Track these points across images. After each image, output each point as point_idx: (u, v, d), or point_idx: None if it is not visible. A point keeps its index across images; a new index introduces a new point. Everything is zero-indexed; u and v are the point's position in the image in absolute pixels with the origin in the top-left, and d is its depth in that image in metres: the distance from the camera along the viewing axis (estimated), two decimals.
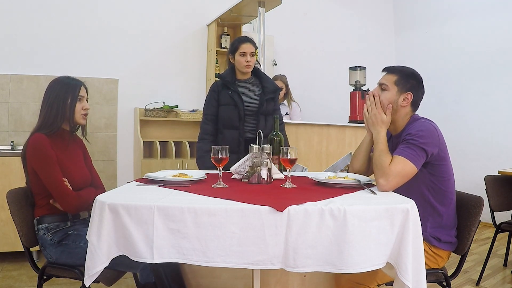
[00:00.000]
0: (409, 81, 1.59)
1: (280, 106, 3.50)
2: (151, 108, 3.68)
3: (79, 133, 1.79)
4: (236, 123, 2.29)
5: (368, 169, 1.75)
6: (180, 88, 3.97)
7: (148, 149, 3.68)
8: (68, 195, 1.56)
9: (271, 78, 2.79)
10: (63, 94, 1.64)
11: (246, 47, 2.26)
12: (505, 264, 2.86)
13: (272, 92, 2.35)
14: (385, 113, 1.58)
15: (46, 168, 1.53)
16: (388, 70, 1.65)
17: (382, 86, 1.61)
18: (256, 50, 2.31)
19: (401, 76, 1.59)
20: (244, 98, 2.30)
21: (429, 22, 4.98)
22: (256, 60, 2.42)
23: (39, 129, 1.60)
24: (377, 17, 5.37)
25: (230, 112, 2.29)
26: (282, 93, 3.72)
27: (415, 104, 1.62)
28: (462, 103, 4.54)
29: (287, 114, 3.77)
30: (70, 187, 1.58)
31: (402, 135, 1.56)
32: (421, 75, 1.63)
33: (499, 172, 2.65)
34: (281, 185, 1.51)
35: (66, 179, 1.58)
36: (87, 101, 1.73)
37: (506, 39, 4.14)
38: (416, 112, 1.65)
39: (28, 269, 2.52)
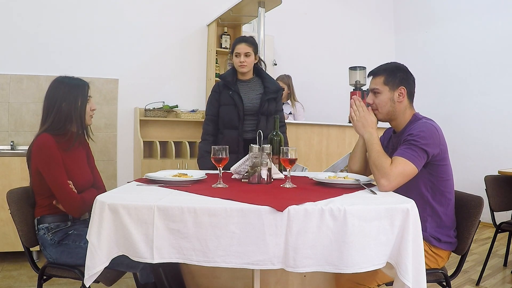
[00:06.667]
0: (396, 75, 1.60)
1: (284, 106, 3.52)
2: (151, 108, 3.68)
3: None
4: (236, 123, 2.30)
5: (366, 170, 1.76)
6: (180, 88, 3.96)
7: (148, 149, 3.68)
8: (72, 198, 1.55)
9: (275, 78, 2.78)
10: (73, 97, 1.59)
11: (239, 48, 2.28)
12: (505, 264, 2.86)
13: (273, 92, 2.35)
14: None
15: (52, 169, 1.51)
16: (373, 74, 1.66)
17: (374, 91, 1.62)
18: (252, 49, 2.30)
19: (387, 74, 1.60)
20: (244, 98, 2.31)
21: (429, 22, 4.98)
22: (261, 60, 2.43)
23: (46, 130, 1.57)
24: (377, 17, 5.37)
25: (230, 112, 2.30)
26: (284, 93, 3.76)
27: (410, 95, 1.62)
28: (462, 103, 4.54)
29: (291, 113, 3.78)
30: (75, 190, 1.58)
31: (403, 134, 1.56)
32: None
33: (499, 172, 2.65)
34: (281, 185, 1.51)
35: (70, 182, 1.57)
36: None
37: (506, 39, 4.14)
38: (418, 111, 1.65)
39: (28, 269, 2.52)
